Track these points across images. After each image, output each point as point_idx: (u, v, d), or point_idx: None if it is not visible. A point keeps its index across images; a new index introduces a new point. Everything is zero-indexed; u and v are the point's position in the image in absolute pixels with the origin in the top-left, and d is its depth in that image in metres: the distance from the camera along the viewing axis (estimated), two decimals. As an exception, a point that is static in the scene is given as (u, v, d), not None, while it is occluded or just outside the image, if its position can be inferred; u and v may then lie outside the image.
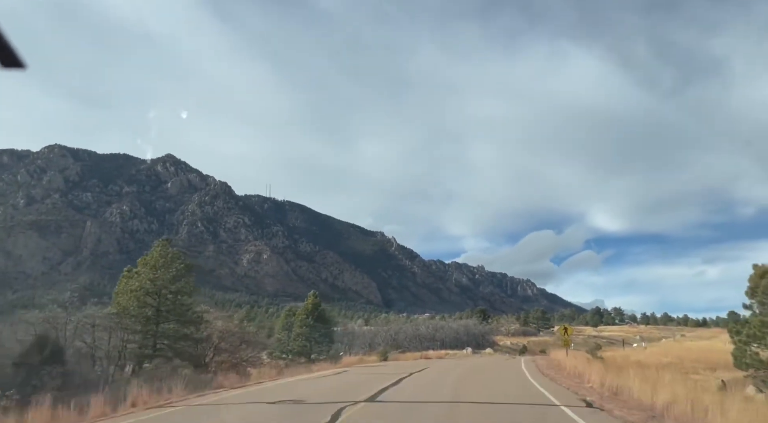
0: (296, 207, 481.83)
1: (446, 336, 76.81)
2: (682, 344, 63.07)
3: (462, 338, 76.86)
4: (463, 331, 77.10)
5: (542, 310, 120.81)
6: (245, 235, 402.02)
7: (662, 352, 50.94)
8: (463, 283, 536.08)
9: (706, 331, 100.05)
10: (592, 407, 12.81)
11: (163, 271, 29.45)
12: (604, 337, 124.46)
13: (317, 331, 36.47)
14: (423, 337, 76.88)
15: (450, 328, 77.35)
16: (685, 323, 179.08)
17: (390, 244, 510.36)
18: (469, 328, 77.52)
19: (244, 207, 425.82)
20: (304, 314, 37.13)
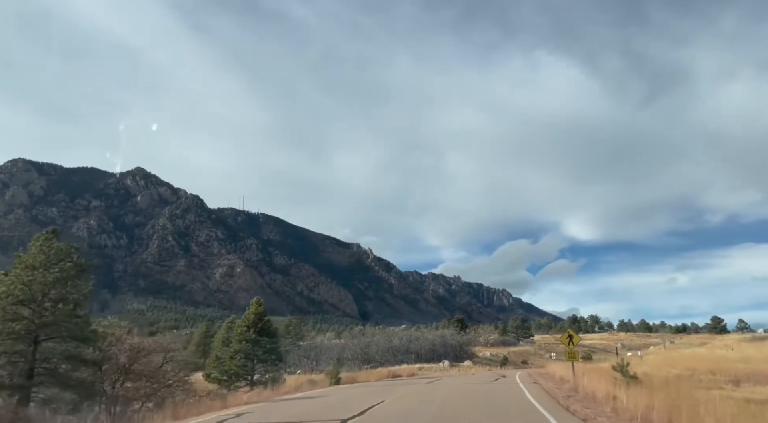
0: (271, 220, 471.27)
1: (422, 348, 69.56)
2: (679, 352, 56.73)
3: (438, 350, 69.68)
4: (440, 342, 70.00)
5: (521, 319, 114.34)
6: (218, 249, 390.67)
7: (665, 361, 44.40)
8: (440, 293, 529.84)
9: (695, 337, 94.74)
10: None
11: (42, 273, 21.87)
12: (585, 346, 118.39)
13: (261, 347, 28.91)
14: (396, 349, 69.52)
15: (426, 340, 70.19)
16: (662, 330, 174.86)
17: (366, 256, 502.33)
18: (446, 338, 70.43)
19: (217, 220, 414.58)
20: (245, 326, 29.51)
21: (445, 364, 64.55)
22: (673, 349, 70.13)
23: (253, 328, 29.66)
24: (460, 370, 62.59)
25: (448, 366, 64.05)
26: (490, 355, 79.93)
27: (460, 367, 64.99)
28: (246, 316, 30.55)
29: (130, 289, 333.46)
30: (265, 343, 29.63)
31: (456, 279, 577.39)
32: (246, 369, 29.01)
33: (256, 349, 29.14)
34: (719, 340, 75.14)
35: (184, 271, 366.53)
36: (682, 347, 67.61)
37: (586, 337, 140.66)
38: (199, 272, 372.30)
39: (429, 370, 62.10)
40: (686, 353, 51.48)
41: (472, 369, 64.80)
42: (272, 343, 30.22)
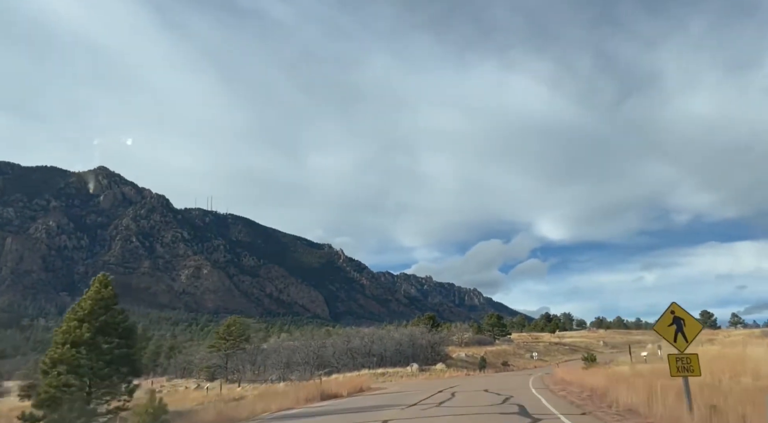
0: (240, 220, 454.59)
1: (387, 349, 57.70)
2: (701, 351, 45.65)
3: (406, 351, 57.92)
4: (408, 341, 58.26)
5: (498, 315, 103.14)
6: (184, 250, 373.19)
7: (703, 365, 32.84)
8: (412, 294, 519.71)
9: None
10: None
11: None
12: (566, 344, 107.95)
13: (103, 355, 16.78)
14: (357, 351, 57.54)
15: (392, 340, 58.36)
16: (637, 327, 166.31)
17: (338, 257, 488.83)
18: (416, 337, 58.71)
19: (184, 221, 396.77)
20: (75, 320, 17.19)
21: (414, 368, 52.72)
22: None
23: (89, 322, 17.39)
24: (432, 375, 50.72)
25: (417, 370, 52.22)
26: (465, 355, 68.37)
27: (431, 371, 53.17)
28: (80, 304, 18.15)
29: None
30: (110, 348, 17.33)
31: (428, 279, 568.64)
32: (72, 391, 16.83)
33: (91, 358, 16.87)
34: (726, 336, 64.73)
35: (148, 272, 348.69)
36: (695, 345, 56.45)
37: (566, 335, 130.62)
38: (164, 274, 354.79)
39: (393, 376, 50.10)
40: (714, 353, 40.30)
41: (446, 372, 53.01)
42: (123, 348, 17.84)
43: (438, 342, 61.50)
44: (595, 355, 41.30)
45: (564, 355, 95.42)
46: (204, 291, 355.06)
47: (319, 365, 56.87)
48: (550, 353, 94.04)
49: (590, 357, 40.35)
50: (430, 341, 59.58)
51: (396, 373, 51.26)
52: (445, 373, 51.49)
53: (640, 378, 18.76)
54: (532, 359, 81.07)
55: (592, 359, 40.16)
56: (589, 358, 40.19)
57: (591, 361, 40.00)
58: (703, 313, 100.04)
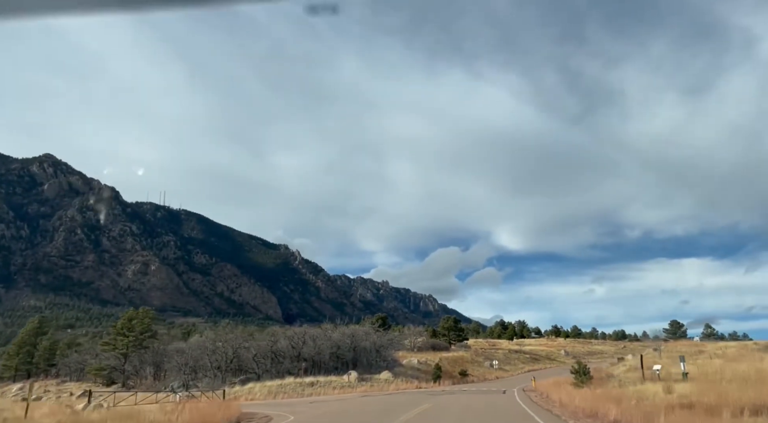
0: (193, 217, 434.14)
1: (321, 352, 46.13)
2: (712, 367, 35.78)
3: (345, 355, 46.62)
4: (348, 344, 46.97)
5: (455, 319, 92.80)
6: (132, 245, 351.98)
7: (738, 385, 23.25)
8: (367, 298, 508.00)
9: (681, 344, 73.95)
10: None
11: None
12: (526, 352, 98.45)
13: None
14: (283, 354, 45.82)
15: (328, 341, 46.93)
16: (593, 337, 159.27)
17: (294, 258, 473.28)
18: (358, 339, 47.37)
19: (134, 214, 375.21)
20: None
21: (352, 377, 41.27)
22: (670, 356, 49.63)
23: None
24: (373, 386, 39.36)
25: (355, 380, 40.81)
26: (417, 362, 57.38)
27: (373, 381, 41.84)
28: None
29: (28, 284, 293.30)
30: None
31: (384, 284, 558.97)
32: None
33: None
34: (716, 348, 55.73)
35: (92, 266, 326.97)
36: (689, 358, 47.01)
37: (526, 343, 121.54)
38: (110, 269, 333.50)
39: (325, 388, 38.58)
40: (738, 370, 30.60)
41: (392, 384, 41.77)
42: None
43: (385, 345, 50.22)
44: (586, 366, 30.76)
45: (525, 363, 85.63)
46: (151, 288, 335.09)
47: (236, 370, 44.99)
48: (511, 362, 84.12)
49: (581, 370, 29.75)
50: (376, 344, 48.28)
51: (329, 383, 39.81)
52: (391, 385, 40.33)
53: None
54: (492, 368, 70.77)
55: (583, 373, 29.61)
56: (581, 372, 29.60)
57: (583, 375, 29.47)
58: (673, 323, 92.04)
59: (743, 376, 27.80)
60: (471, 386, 43.72)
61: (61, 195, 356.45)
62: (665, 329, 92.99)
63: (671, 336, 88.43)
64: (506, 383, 47.74)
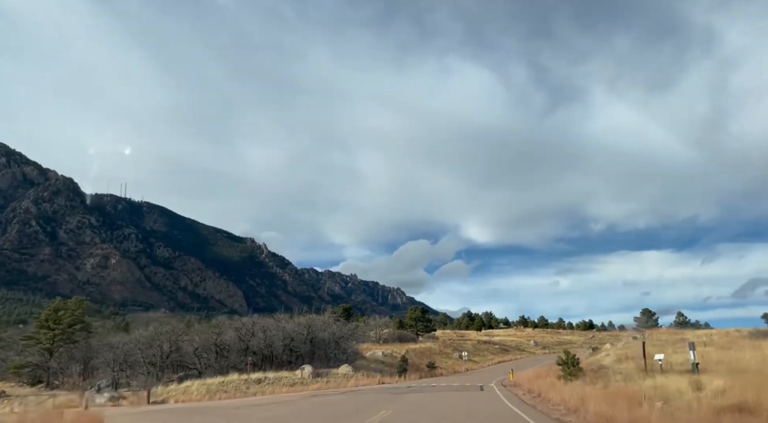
0: (156, 209, 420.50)
1: (273, 345, 40.73)
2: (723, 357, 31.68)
3: (300, 348, 41.28)
4: (304, 335, 41.69)
5: (422, 309, 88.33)
6: (91, 238, 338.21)
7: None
8: (336, 291, 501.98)
9: (664, 332, 70.51)
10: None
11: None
12: (496, 343, 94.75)
13: None
14: (228, 347, 40.28)
15: (281, 332, 41.56)
16: (560, 327, 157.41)
17: (261, 251, 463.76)
18: (315, 329, 42.09)
19: (93, 206, 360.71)
20: None
21: (306, 372, 36.05)
22: (655, 345, 45.66)
23: None
24: (330, 383, 34.25)
25: (309, 376, 35.60)
26: (382, 354, 52.52)
27: (330, 376, 36.71)
28: None
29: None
30: None
31: (352, 277, 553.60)
32: None
33: None
34: (696, 336, 52.09)
35: (48, 260, 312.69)
36: (674, 347, 43.18)
37: (494, 333, 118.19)
38: (67, 262, 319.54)
39: (274, 385, 33.29)
40: (743, 359, 26.40)
41: (352, 379, 36.71)
42: None
43: (346, 336, 45.02)
44: (575, 356, 26.21)
45: (495, 355, 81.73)
46: (111, 282, 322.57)
47: (176, 366, 39.29)
48: (480, 353, 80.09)
49: (570, 360, 25.16)
50: (335, 335, 43.05)
51: (279, 379, 34.54)
52: (350, 381, 35.28)
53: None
54: (462, 360, 66.43)
55: (573, 364, 25.03)
56: (570, 363, 25.02)
57: (572, 366, 24.90)
58: (644, 312, 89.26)
59: (757, 366, 23.71)
60: (441, 380, 39.01)
61: (15, 186, 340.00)
62: (636, 318, 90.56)
63: (642, 325, 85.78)
64: (480, 376, 43.21)
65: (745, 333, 51.04)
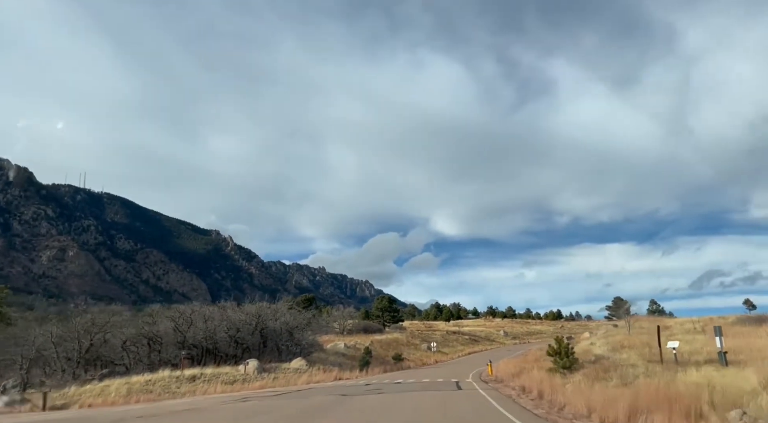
0: (117, 200, 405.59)
1: (214, 336, 35.00)
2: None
3: (247, 340, 35.65)
4: (253, 326, 36.02)
5: (389, 299, 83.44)
6: (47, 229, 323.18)
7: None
8: (303, 284, 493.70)
9: (648, 320, 66.37)
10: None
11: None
12: (465, 334, 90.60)
13: None
14: (160, 340, 34.39)
15: (225, 322, 35.87)
16: (528, 317, 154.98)
17: (226, 244, 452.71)
18: (265, 319, 36.40)
19: (49, 197, 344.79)
20: None
21: (250, 367, 30.50)
22: (646, 333, 41.85)
23: None
24: (276, 381, 28.75)
25: (254, 371, 30.07)
26: (344, 346, 47.24)
27: (279, 372, 31.22)
28: None
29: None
30: None
31: (320, 270, 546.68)
32: None
33: None
34: (679, 323, 48.52)
35: (1, 252, 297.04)
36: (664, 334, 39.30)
37: (464, 324, 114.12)
38: (21, 254, 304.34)
39: (211, 383, 27.60)
40: (758, 346, 21.87)
41: (304, 375, 31.28)
42: None
43: (301, 326, 39.48)
44: (569, 345, 21.37)
45: (465, 345, 77.29)
46: (68, 275, 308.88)
47: (93, 361, 33.23)
48: (450, 344, 75.56)
49: (564, 350, 20.27)
50: (289, 325, 37.48)
51: (217, 376, 28.95)
52: (302, 377, 29.89)
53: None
54: (431, 351, 61.70)
55: (567, 355, 20.14)
56: (564, 354, 20.12)
57: (566, 357, 20.02)
58: (616, 300, 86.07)
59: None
60: (408, 374, 33.99)
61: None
62: (608, 307, 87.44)
63: (614, 314, 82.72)
64: (452, 369, 38.32)
65: (732, 320, 47.57)
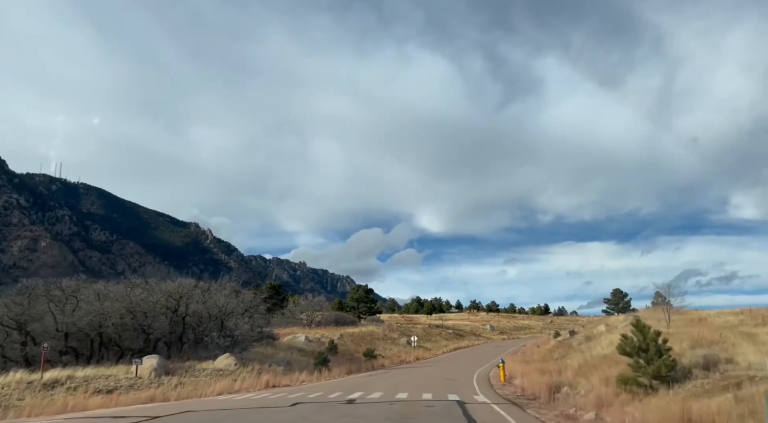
0: (93, 191, 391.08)
1: (104, 323, 25.91)
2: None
3: (156, 329, 26.64)
4: (169, 310, 27.06)
5: (366, 289, 74.75)
6: (19, 219, 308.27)
7: None
8: (284, 279, 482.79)
9: (668, 312, 59.07)
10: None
11: None
12: (449, 328, 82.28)
13: None
14: (29, 329, 25.18)
15: (128, 302, 26.82)
16: (514, 311, 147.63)
17: (205, 237, 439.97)
18: (189, 301, 27.31)
19: (22, 186, 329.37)
20: None
21: (146, 368, 21.41)
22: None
23: None
24: (183, 387, 19.72)
25: (151, 374, 20.94)
26: (306, 340, 38.40)
27: (192, 375, 22.17)
28: None
29: None
30: None
31: (301, 264, 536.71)
32: None
33: None
34: (695, 317, 40.63)
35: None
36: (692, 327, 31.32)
37: (447, 317, 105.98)
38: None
39: (79, 391, 18.58)
40: None
41: (226, 379, 22.29)
42: None
43: (237, 311, 30.35)
44: (658, 338, 12.80)
45: (449, 340, 68.88)
46: (40, 266, 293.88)
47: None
48: (432, 338, 67.10)
49: (652, 344, 11.63)
50: (223, 310, 28.47)
51: (93, 379, 19.87)
52: (218, 383, 20.82)
53: None
54: (411, 346, 53.15)
55: (657, 353, 11.57)
56: (653, 352, 11.54)
57: (656, 358, 11.45)
58: (615, 293, 78.64)
59: None
60: (378, 380, 25.32)
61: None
62: (606, 299, 79.94)
63: (613, 307, 75.27)
64: (440, 370, 29.76)
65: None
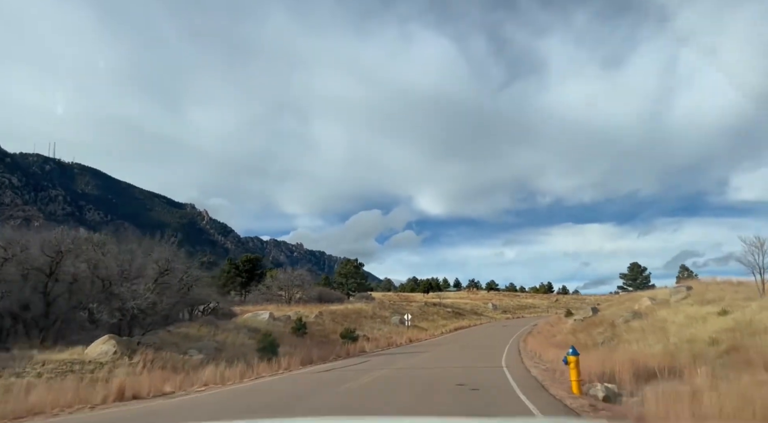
0: (88, 171, 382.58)
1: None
2: None
3: (22, 300, 19.28)
4: (42, 271, 19.94)
5: (356, 262, 67.71)
6: (12, 199, 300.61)
7: None
8: (280, 260, 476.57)
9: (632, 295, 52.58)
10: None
11: None
12: (447, 306, 75.43)
13: None
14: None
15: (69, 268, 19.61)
16: (514, 290, 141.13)
17: (201, 218, 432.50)
18: (75, 259, 20.02)
19: (15, 165, 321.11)
20: None
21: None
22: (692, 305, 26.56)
23: None
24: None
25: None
26: (271, 317, 31.31)
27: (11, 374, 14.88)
28: None
29: None
30: None
31: (298, 246, 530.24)
32: None
33: None
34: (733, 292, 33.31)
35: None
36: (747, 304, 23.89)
37: (445, 296, 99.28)
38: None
39: None
40: None
41: (66, 381, 14.99)
42: None
43: (130, 274, 22.81)
44: None
45: (447, 320, 61.89)
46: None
47: None
48: (428, 317, 60.18)
49: None
50: (122, 271, 21.06)
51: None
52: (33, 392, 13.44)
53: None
54: (404, 326, 46.24)
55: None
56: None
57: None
58: (633, 267, 71.69)
59: None
60: (340, 374, 18.20)
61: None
62: (623, 275, 73.07)
63: (631, 282, 68.59)
64: (440, 358, 22.56)
65: None
